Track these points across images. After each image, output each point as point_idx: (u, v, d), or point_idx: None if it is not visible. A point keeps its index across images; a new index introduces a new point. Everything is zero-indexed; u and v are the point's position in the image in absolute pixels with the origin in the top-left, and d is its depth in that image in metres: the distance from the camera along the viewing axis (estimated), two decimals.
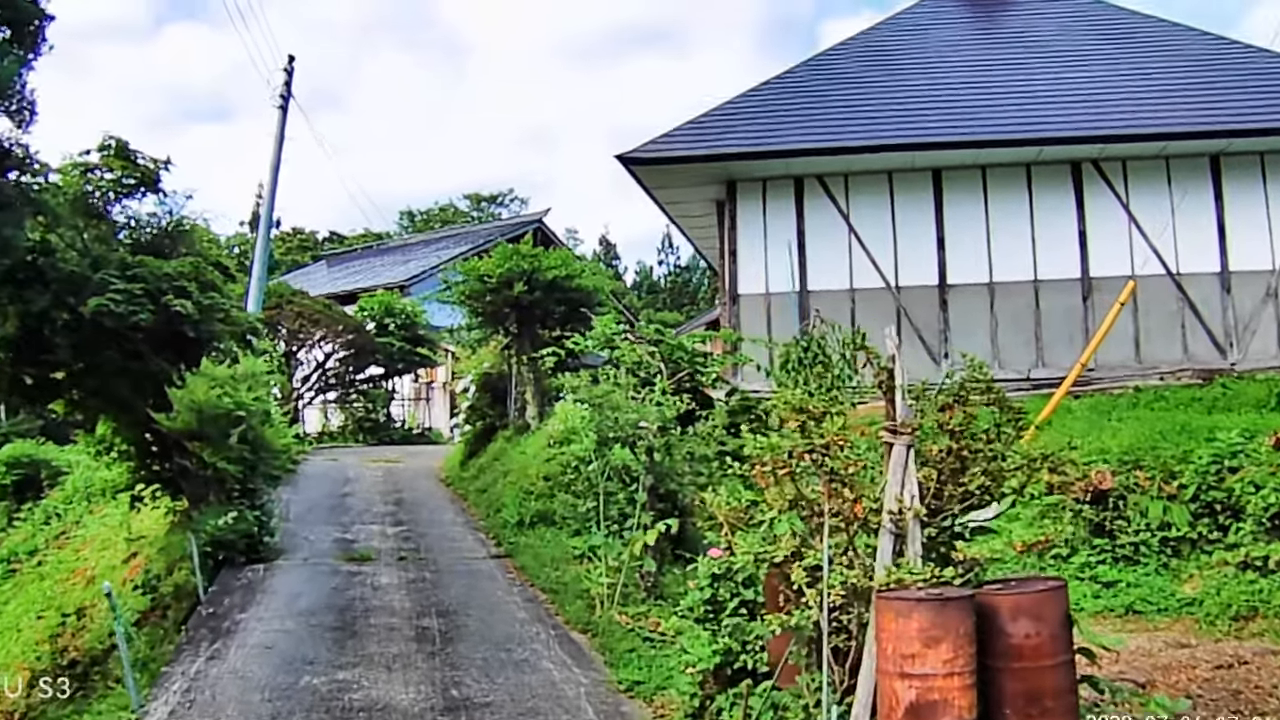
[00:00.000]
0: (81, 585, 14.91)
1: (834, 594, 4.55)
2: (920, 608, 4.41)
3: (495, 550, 11.13)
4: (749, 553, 4.79)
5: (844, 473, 4.62)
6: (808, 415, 4.65)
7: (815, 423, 4.69)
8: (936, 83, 16.72)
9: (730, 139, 15.81)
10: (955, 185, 15.69)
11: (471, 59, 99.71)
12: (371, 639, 7.53)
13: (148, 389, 11.85)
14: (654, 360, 9.19)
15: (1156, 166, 15.42)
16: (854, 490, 4.59)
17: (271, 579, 9.74)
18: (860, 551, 4.74)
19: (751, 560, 4.80)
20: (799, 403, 4.66)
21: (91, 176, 13.34)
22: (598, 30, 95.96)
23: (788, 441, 4.66)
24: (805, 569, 4.61)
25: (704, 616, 5.71)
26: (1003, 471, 4.86)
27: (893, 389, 4.95)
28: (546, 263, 15.18)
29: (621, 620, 7.89)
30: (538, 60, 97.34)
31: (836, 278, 15.71)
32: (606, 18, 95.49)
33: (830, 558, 4.80)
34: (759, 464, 4.87)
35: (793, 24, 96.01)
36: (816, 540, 4.86)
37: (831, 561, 4.78)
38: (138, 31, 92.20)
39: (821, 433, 4.58)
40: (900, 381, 5.08)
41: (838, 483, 4.62)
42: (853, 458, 4.61)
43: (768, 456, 4.73)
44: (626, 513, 8.62)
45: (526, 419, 15.31)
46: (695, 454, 8.61)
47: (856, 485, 4.61)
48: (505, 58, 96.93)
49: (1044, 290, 15.47)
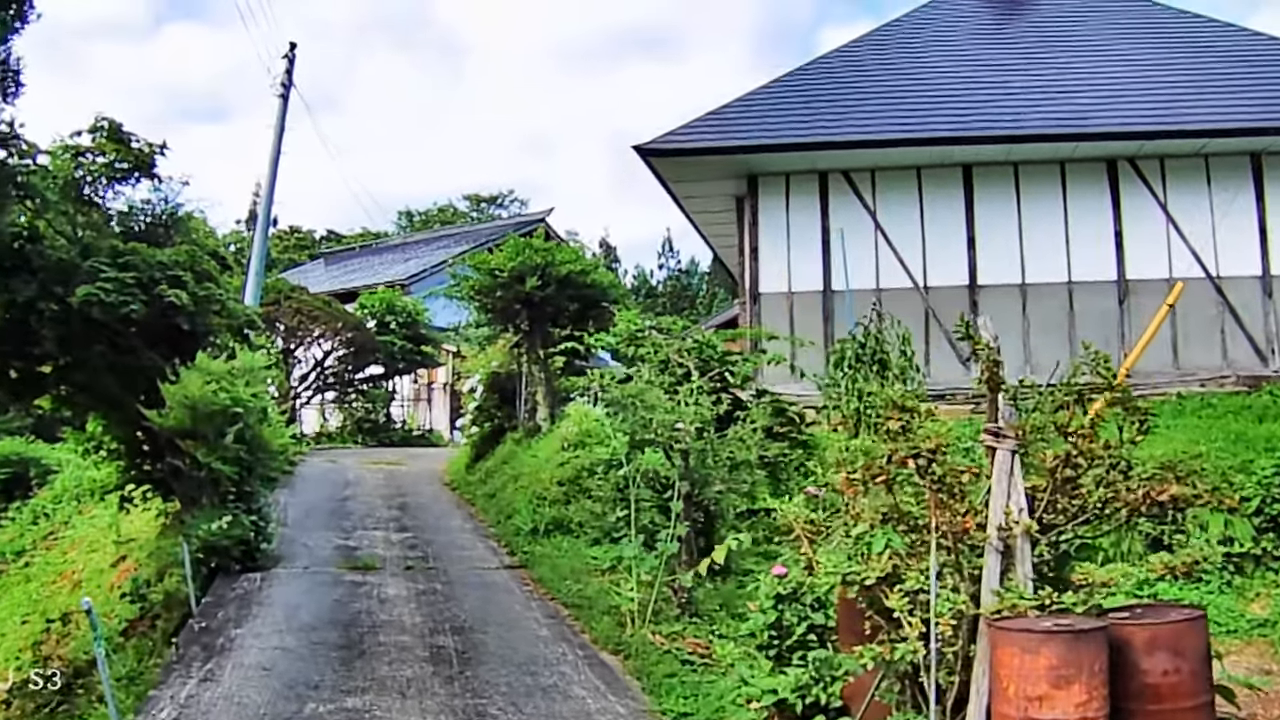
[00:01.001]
0: (68, 589, 14.37)
1: (942, 624, 3.86)
2: (1050, 642, 3.73)
3: (509, 560, 10.43)
4: (835, 572, 4.10)
5: (953, 482, 3.94)
6: (911, 414, 3.97)
7: (912, 421, 4.00)
8: (968, 76, 16.10)
9: (753, 130, 15.16)
10: (986, 183, 15.05)
11: (468, 62, 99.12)
12: (381, 659, 6.82)
13: (139, 385, 11.21)
14: (686, 358, 8.49)
15: (1195, 165, 14.81)
16: (964, 502, 3.90)
17: (269, 589, 9.03)
18: (966, 574, 4.05)
19: (839, 581, 4.10)
20: (902, 399, 3.98)
21: (83, 160, 12.69)
22: (595, 34, 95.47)
23: (885, 445, 3.97)
24: (906, 593, 3.92)
25: (768, 643, 5.01)
26: (1126, 482, 4.17)
27: (998, 385, 4.27)
28: (560, 257, 14.50)
29: (656, 640, 7.20)
30: (535, 64, 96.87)
31: (862, 277, 15.04)
32: (603, 21, 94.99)
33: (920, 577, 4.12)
34: (845, 471, 4.17)
35: (790, 31, 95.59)
36: (913, 559, 4.17)
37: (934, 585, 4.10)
38: (135, 30, 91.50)
39: (927, 435, 3.89)
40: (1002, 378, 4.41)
41: (944, 493, 3.93)
42: (966, 464, 3.93)
43: (860, 462, 4.04)
44: (656, 522, 7.94)
45: (537, 421, 14.61)
46: (736, 459, 7.94)
47: (967, 496, 3.92)
48: (502, 61, 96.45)
49: (1078, 292, 14.83)
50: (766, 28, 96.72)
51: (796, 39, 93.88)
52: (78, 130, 12.42)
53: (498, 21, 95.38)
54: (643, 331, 9.63)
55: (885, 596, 4.13)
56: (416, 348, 25.04)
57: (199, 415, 10.11)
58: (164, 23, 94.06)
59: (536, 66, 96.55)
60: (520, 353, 15.09)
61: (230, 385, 10.29)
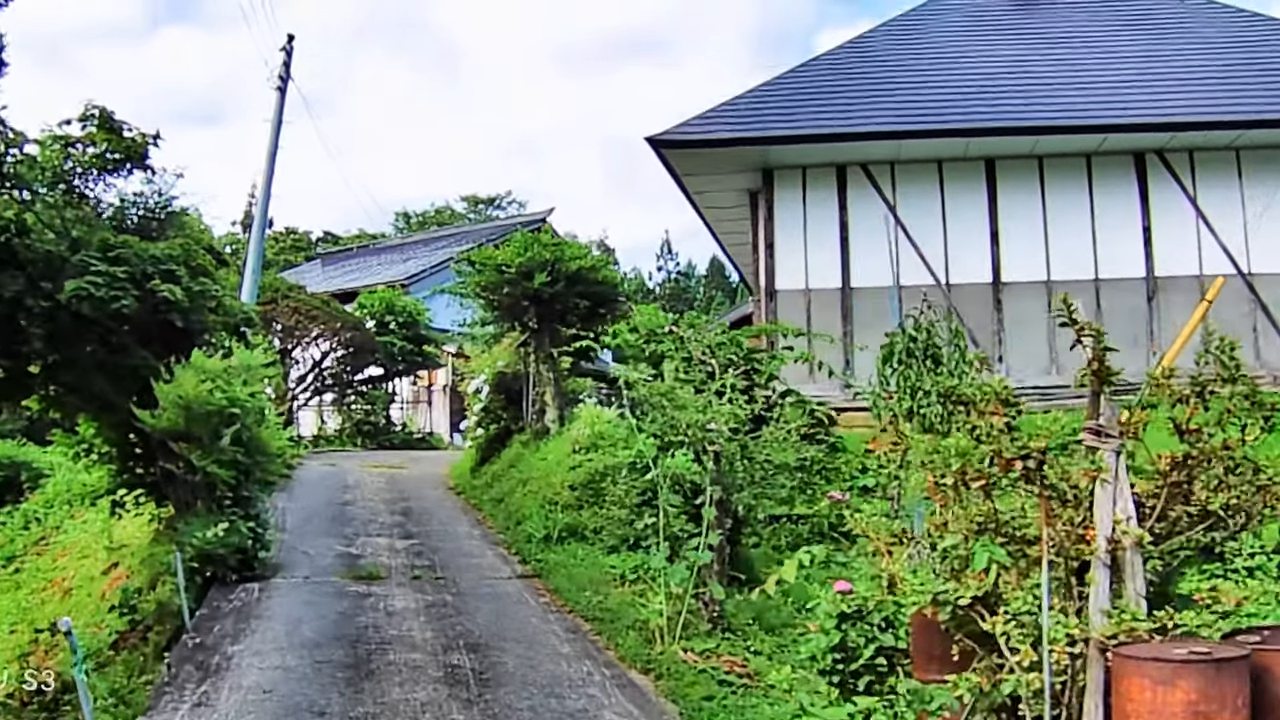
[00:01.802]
0: (58, 597, 13.87)
1: (1058, 651, 3.33)
2: (1188, 673, 3.21)
3: (521, 569, 9.87)
4: (924, 591, 3.56)
5: (1065, 487, 3.41)
6: (1015, 409, 3.44)
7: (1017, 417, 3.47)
8: (991, 65, 15.62)
9: (769, 122, 14.66)
10: (1010, 177, 14.57)
11: (464, 66, 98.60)
12: (392, 680, 6.27)
13: (131, 385, 10.66)
14: (718, 353, 7.95)
15: (1226, 159, 14.34)
16: (1078, 510, 3.37)
17: (268, 601, 8.47)
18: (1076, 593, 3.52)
19: (928, 602, 3.57)
20: (1005, 392, 3.45)
21: (73, 151, 12.17)
22: (591, 38, 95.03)
23: (987, 445, 3.44)
24: (1010, 615, 3.38)
25: (831, 667, 4.47)
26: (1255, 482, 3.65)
27: (1107, 376, 3.75)
28: (569, 253, 13.97)
29: (688, 658, 6.66)
30: (531, 67, 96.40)
31: (881, 274, 14.52)
32: (599, 25, 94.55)
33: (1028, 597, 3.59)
34: (932, 475, 3.64)
35: (790, 32, 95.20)
36: (1012, 575, 3.64)
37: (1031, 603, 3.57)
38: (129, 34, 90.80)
39: (1035, 433, 3.36)
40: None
41: (1057, 500, 3.40)
42: (1084, 467, 3.40)
43: (953, 465, 3.51)
44: (685, 529, 7.40)
45: (545, 422, 14.06)
46: (775, 461, 7.40)
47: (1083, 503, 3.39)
48: (498, 65, 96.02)
49: (1105, 290, 14.34)
50: (766, 30, 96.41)
51: (796, 41, 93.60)
52: (66, 119, 11.89)
53: (494, 25, 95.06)
54: (663, 328, 9.06)
55: (981, 618, 3.60)
56: (417, 348, 24.48)
57: (193, 416, 9.55)
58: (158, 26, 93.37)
59: (533, 70, 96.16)
60: (527, 352, 14.54)
61: (227, 384, 9.74)
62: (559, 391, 14.33)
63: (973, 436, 3.59)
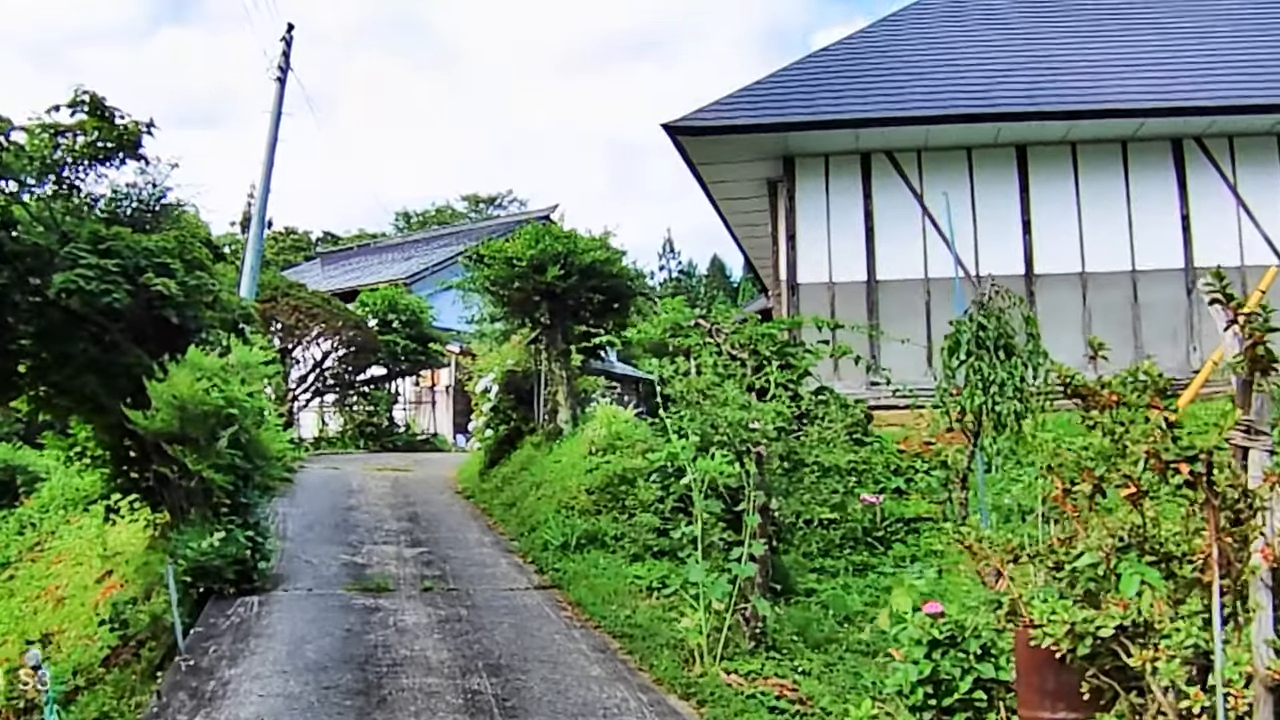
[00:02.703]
0: (51, 606, 13.33)
1: (1235, 695, 2.72)
2: None
3: (539, 579, 9.25)
4: (1061, 621, 2.95)
5: (1235, 497, 2.80)
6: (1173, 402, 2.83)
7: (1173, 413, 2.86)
8: (1022, 48, 15.02)
9: (791, 107, 14.05)
10: (1042, 164, 13.98)
11: (465, 64, 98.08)
12: (406, 710, 5.66)
13: (124, 384, 10.07)
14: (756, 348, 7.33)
15: (1267, 145, 13.76)
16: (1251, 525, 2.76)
17: (269, 617, 7.86)
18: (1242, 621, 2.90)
19: (1064, 634, 2.96)
20: (1161, 380, 2.84)
21: (63, 141, 11.57)
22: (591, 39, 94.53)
23: (1138, 446, 2.83)
24: (1175, 650, 2.77)
25: (922, 703, 3.85)
26: None
27: (1269, 365, 3.13)
28: (583, 245, 13.33)
29: (731, 680, 6.05)
30: (531, 67, 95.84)
31: (908, 266, 13.95)
32: (599, 26, 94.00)
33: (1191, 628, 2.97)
34: (1062, 482, 3.03)
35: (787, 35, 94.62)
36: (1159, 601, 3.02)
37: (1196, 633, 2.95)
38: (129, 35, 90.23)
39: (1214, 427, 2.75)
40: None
41: (1228, 513, 2.79)
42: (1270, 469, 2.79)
43: (1097, 470, 2.90)
44: (724, 538, 6.80)
45: (558, 423, 13.45)
46: (825, 464, 6.80)
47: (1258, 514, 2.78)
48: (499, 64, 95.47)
49: (1142, 281, 13.75)
50: (767, 31, 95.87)
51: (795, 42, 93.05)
52: (55, 105, 11.27)
53: (494, 25, 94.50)
54: (690, 321, 8.44)
55: (1124, 651, 3.00)
56: (421, 347, 23.86)
57: (188, 417, 8.94)
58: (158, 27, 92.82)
59: (533, 70, 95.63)
60: (539, 349, 13.93)
61: (224, 383, 9.13)
62: (572, 390, 13.74)
63: (1111, 436, 3.00)
